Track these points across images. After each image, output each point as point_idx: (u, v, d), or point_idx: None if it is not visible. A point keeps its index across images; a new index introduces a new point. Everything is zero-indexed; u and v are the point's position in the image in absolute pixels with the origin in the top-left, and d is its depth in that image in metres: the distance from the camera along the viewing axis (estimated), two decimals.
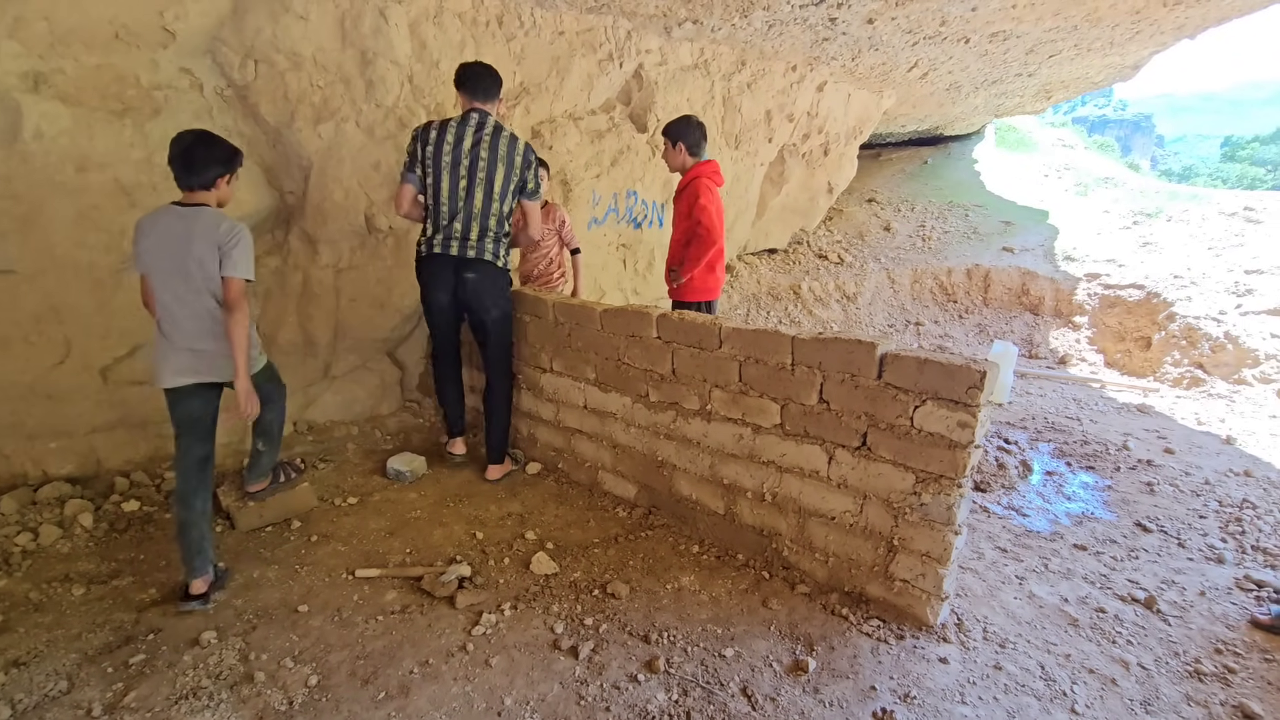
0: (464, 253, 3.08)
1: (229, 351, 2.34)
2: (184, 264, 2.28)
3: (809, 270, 8.36)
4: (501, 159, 3.01)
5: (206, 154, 2.32)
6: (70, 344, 3.02)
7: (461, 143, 2.98)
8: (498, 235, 3.14)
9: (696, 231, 3.39)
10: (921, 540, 2.21)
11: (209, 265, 2.29)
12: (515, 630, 2.25)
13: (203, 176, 2.31)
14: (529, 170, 3.10)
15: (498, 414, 3.44)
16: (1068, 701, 2.00)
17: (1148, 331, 6.94)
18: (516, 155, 3.05)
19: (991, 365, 2.04)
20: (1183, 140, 72.62)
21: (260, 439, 2.87)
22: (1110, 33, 5.83)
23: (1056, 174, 11.35)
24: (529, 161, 3.09)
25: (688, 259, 3.49)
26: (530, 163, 3.10)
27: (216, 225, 2.30)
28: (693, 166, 3.52)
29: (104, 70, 2.79)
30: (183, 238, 2.27)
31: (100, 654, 2.10)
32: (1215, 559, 2.98)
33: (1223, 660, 2.24)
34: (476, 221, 3.06)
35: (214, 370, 2.41)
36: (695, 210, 3.38)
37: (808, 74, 6.38)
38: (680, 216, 3.54)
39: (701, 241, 3.40)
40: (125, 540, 2.80)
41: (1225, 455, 4.35)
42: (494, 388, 3.43)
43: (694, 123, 3.52)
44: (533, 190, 3.14)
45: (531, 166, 3.10)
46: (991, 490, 3.66)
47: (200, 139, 2.33)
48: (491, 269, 3.16)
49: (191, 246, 2.27)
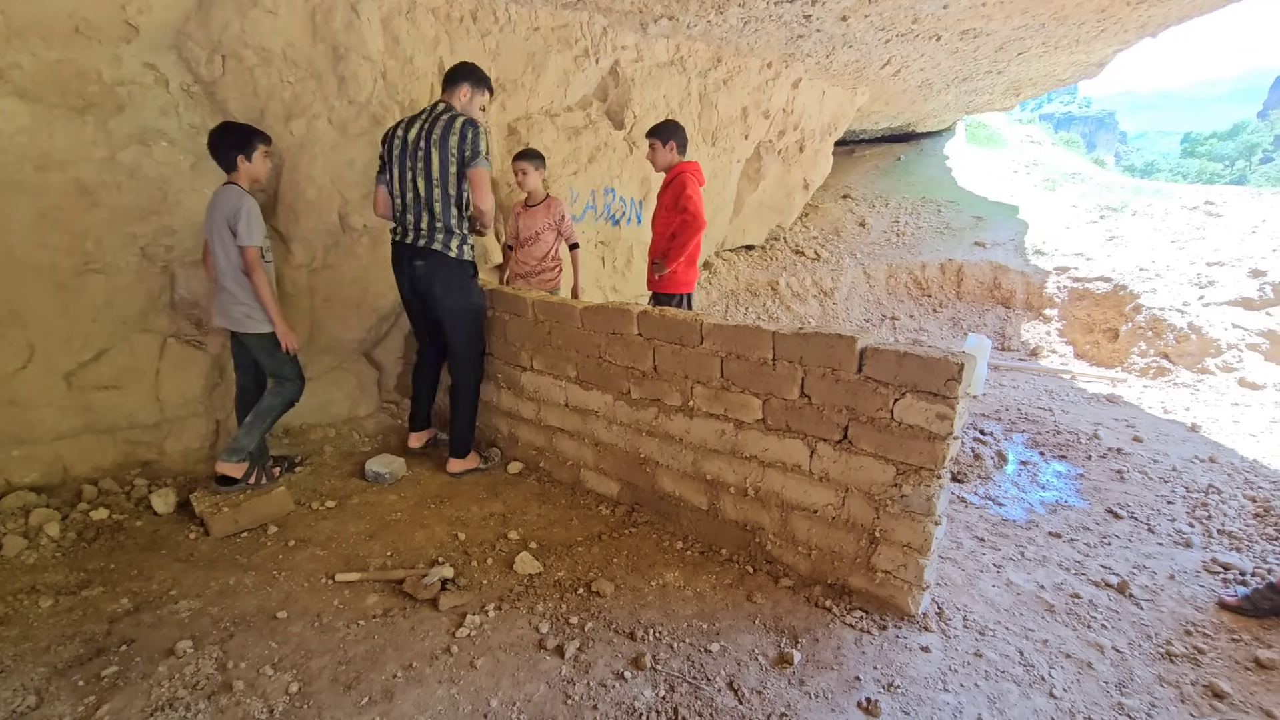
0: (415, 241, 3.12)
1: (247, 309, 2.92)
2: (215, 233, 2.85)
3: (786, 266, 8.42)
4: (435, 143, 2.97)
5: (219, 141, 2.83)
6: (33, 348, 2.92)
7: (408, 133, 3.04)
8: (448, 226, 3.09)
9: (684, 219, 3.50)
10: (902, 531, 2.24)
11: (226, 236, 2.83)
12: (500, 631, 2.23)
13: (224, 160, 2.85)
14: (465, 142, 2.97)
15: (458, 409, 3.44)
16: (1046, 686, 2.04)
17: (1115, 323, 7.11)
18: (451, 134, 2.96)
19: (969, 357, 2.06)
20: (1145, 136, 74.60)
21: (251, 416, 3.08)
22: (1076, 31, 5.95)
23: (1025, 170, 11.57)
24: (463, 135, 2.97)
25: (675, 246, 3.59)
26: (465, 135, 2.97)
27: (227, 201, 2.81)
28: (678, 164, 3.65)
29: (64, 65, 2.70)
30: (211, 212, 2.86)
31: (70, 667, 2.04)
32: (1183, 543, 3.06)
33: (1192, 641, 2.30)
34: (426, 210, 3.07)
35: (235, 322, 2.95)
36: (682, 199, 3.49)
37: (783, 71, 6.42)
38: (664, 209, 3.66)
39: (689, 227, 3.50)
40: (95, 550, 2.72)
41: (1191, 442, 4.48)
42: (455, 383, 3.43)
43: (680, 125, 3.68)
44: (470, 157, 2.99)
45: (466, 137, 2.97)
46: (969, 481, 3.72)
47: (217, 129, 2.85)
48: (442, 259, 3.12)
49: (214, 219, 2.84)
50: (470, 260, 3.24)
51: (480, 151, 3.00)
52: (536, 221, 4.03)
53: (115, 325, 3.11)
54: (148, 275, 3.15)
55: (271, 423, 3.13)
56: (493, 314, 3.49)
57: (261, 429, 3.09)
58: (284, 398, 3.13)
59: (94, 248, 2.95)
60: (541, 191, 4.07)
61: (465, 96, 3.08)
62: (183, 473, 3.36)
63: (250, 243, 2.82)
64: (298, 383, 3.15)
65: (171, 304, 3.26)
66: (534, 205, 4.05)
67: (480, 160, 3.01)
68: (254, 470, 3.12)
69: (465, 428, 3.46)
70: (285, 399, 3.13)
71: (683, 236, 3.55)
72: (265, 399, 3.11)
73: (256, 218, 2.85)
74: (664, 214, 3.67)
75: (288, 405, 3.16)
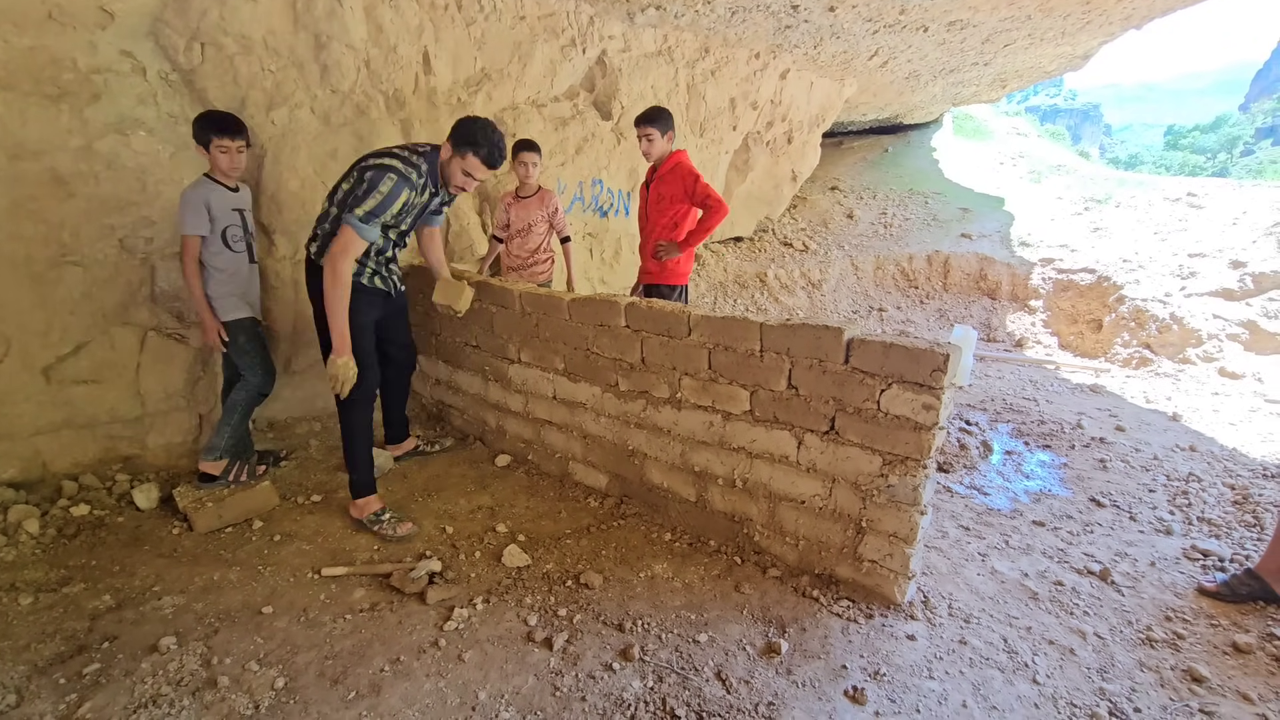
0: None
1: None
2: None
3: (775, 258, 8.43)
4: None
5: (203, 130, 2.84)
6: (9, 342, 2.87)
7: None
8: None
9: (707, 204, 3.47)
10: (889, 521, 2.25)
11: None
12: (488, 624, 2.23)
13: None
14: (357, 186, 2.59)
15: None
16: (1029, 672, 2.06)
17: (1099, 314, 7.18)
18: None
19: (954, 348, 2.07)
20: (1129, 129, 75.26)
21: (223, 412, 3.11)
22: (1062, 23, 5.98)
23: (1011, 162, 11.64)
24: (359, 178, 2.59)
25: (699, 229, 3.57)
26: (361, 179, 2.58)
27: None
28: (672, 152, 3.60)
29: (37, 52, 2.64)
30: None
31: (51, 664, 2.01)
32: (1164, 531, 3.11)
33: (1172, 627, 2.34)
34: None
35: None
36: (698, 187, 3.47)
37: (771, 62, 6.40)
38: (666, 200, 3.59)
39: (714, 212, 3.47)
40: (75, 546, 2.68)
41: (1172, 432, 4.54)
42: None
43: (670, 113, 3.62)
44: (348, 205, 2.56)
45: (362, 181, 2.57)
46: (954, 470, 3.75)
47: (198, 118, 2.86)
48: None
49: None
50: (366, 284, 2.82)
51: (361, 204, 2.51)
52: (530, 213, 3.98)
53: (94, 318, 3.06)
54: (126, 267, 3.10)
55: (242, 417, 3.11)
56: (479, 306, 3.47)
57: (232, 423, 3.07)
58: (248, 390, 3.10)
59: (71, 239, 2.89)
60: (535, 184, 4.02)
61: (445, 154, 2.68)
62: (165, 468, 3.32)
63: (184, 229, 2.84)
64: (260, 373, 3.12)
65: (152, 296, 3.21)
66: (526, 197, 3.99)
67: (350, 217, 2.51)
68: (234, 466, 3.09)
69: (353, 457, 2.91)
70: (249, 391, 3.11)
71: (709, 219, 3.50)
72: (233, 393, 3.10)
73: (191, 205, 2.82)
74: (666, 204, 3.60)
75: (255, 397, 3.14)
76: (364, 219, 2.52)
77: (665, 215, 3.62)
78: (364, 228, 2.54)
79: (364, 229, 2.54)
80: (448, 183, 2.76)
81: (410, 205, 2.67)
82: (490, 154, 2.63)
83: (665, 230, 3.64)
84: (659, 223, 3.65)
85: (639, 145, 3.61)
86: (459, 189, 2.78)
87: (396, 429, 3.54)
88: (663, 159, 3.61)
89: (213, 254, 2.93)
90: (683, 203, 3.56)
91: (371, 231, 2.57)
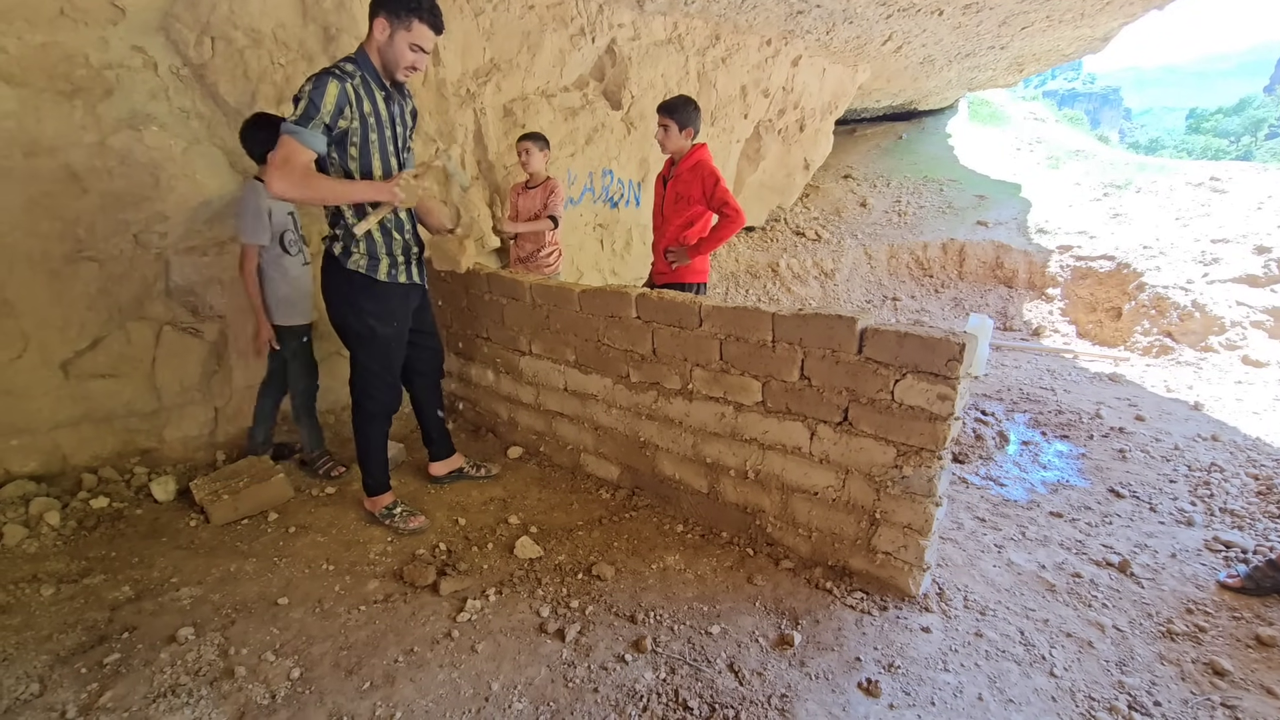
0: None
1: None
2: None
3: (787, 248, 8.37)
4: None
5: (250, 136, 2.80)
6: (27, 337, 2.91)
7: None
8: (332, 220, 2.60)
9: (724, 211, 3.31)
10: (903, 513, 2.23)
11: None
12: (501, 615, 2.23)
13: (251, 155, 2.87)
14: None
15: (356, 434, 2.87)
16: (1047, 665, 2.04)
17: (1118, 302, 7.06)
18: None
19: (970, 338, 2.04)
20: (1149, 113, 73.78)
21: (295, 422, 3.35)
22: (1082, 4, 5.85)
23: (1028, 147, 11.45)
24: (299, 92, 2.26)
25: (712, 238, 3.40)
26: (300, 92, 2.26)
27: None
28: (692, 148, 3.42)
29: (50, 49, 2.65)
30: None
31: (73, 654, 2.05)
32: (1185, 522, 3.06)
33: (1194, 620, 2.30)
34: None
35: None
36: (717, 191, 3.30)
37: (783, 48, 6.33)
38: (682, 199, 3.41)
39: (730, 222, 3.31)
40: (95, 538, 2.72)
41: (1194, 421, 4.46)
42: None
43: (697, 106, 3.40)
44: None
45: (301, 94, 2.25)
46: (970, 461, 3.71)
47: (246, 122, 2.83)
48: (326, 263, 2.63)
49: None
50: (358, 270, 2.55)
51: (295, 112, 2.22)
52: (535, 203, 3.99)
53: (110, 313, 3.09)
54: (141, 262, 3.12)
55: (309, 415, 3.30)
56: (489, 298, 3.46)
57: (306, 425, 3.31)
58: (300, 395, 3.27)
59: (86, 235, 2.92)
60: (543, 174, 4.03)
61: (382, 35, 2.31)
62: (182, 460, 3.37)
63: (243, 237, 2.91)
64: (306, 379, 3.26)
65: (167, 291, 3.24)
66: (534, 187, 4.01)
67: (284, 124, 2.22)
68: (324, 459, 3.32)
69: (363, 465, 2.87)
70: (303, 396, 3.27)
71: (724, 228, 3.35)
72: (293, 404, 3.31)
73: (252, 211, 2.86)
74: (683, 205, 3.42)
75: (306, 395, 3.27)
76: (299, 121, 2.19)
77: (681, 215, 3.44)
78: (300, 130, 2.18)
79: (301, 132, 2.19)
80: (394, 68, 2.36)
81: (349, 101, 2.26)
82: (432, 11, 2.30)
83: (680, 230, 3.46)
84: (675, 222, 3.47)
85: (655, 132, 3.48)
86: (409, 71, 2.39)
87: (439, 444, 3.19)
88: (682, 154, 3.43)
89: (272, 259, 2.97)
90: (700, 204, 3.38)
91: (313, 137, 2.21)
